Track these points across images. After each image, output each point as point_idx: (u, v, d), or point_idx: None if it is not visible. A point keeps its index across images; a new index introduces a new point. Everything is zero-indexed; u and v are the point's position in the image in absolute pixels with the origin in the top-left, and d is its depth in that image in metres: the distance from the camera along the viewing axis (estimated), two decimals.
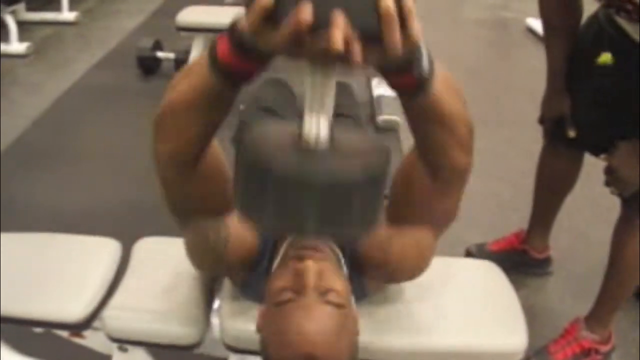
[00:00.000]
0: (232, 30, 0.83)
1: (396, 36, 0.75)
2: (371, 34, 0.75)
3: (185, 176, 1.12)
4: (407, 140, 1.50)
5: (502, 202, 2.95)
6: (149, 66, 4.24)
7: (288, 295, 1.14)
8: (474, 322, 1.49)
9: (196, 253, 1.34)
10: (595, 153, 1.95)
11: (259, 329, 1.21)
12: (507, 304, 1.55)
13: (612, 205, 1.96)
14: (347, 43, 0.72)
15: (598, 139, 1.91)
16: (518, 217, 2.59)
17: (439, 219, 1.27)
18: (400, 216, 1.26)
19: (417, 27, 0.77)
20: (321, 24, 0.72)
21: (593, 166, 2.01)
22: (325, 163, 0.84)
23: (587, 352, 2.06)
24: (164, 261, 1.62)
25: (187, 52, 4.05)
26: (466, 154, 1.12)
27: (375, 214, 0.89)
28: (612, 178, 1.78)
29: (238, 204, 0.90)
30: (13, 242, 1.71)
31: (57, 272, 1.62)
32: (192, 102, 0.99)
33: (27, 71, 4.37)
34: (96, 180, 3.05)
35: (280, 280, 1.18)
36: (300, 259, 1.19)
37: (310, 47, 0.73)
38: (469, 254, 2.54)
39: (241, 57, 0.85)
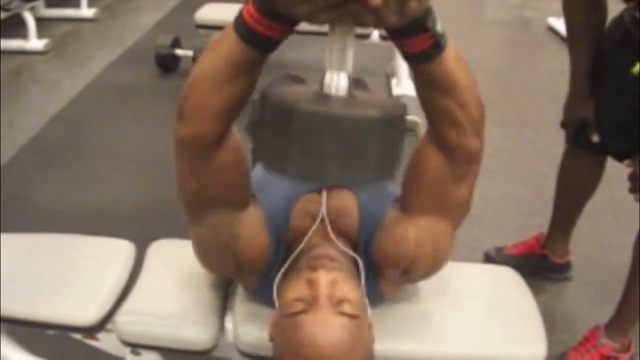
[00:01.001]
0: None
1: None
2: None
3: (205, 162, 1.12)
4: None
5: (522, 206, 2.91)
6: (167, 64, 4.24)
7: (301, 306, 1.12)
8: (492, 330, 1.46)
9: (206, 249, 1.32)
10: (619, 158, 1.92)
11: (272, 338, 1.20)
12: (527, 312, 1.53)
13: (634, 209, 1.91)
14: None
15: (622, 144, 1.87)
16: (538, 221, 2.56)
17: (453, 208, 1.26)
18: (414, 205, 1.25)
19: None
20: None
21: (615, 168, 1.97)
22: (345, 106, 0.90)
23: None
24: (179, 264, 1.60)
25: None
26: (477, 136, 1.14)
27: (392, 160, 0.95)
28: (636, 185, 1.74)
29: (262, 153, 0.95)
30: (27, 243, 1.71)
31: (70, 274, 1.60)
32: (218, 72, 1.01)
33: (45, 68, 4.39)
34: (112, 179, 3.06)
35: (293, 291, 1.16)
36: (314, 269, 1.17)
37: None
38: (488, 257, 2.52)
39: (268, 20, 0.91)
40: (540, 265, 2.44)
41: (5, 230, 1.74)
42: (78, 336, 1.63)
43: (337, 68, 0.90)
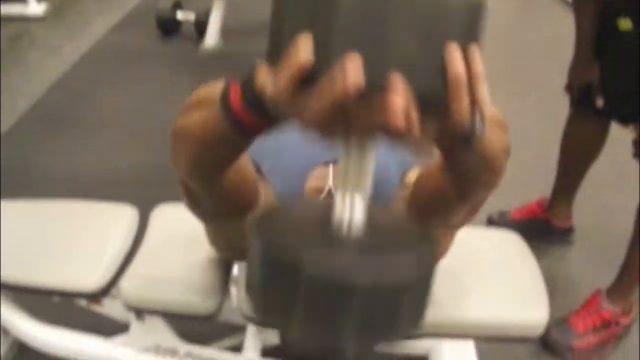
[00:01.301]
0: (247, 85, 0.69)
1: (465, 106, 0.62)
2: (433, 101, 0.61)
3: (207, 188, 1.02)
4: None
5: (526, 170, 2.89)
6: (168, 27, 4.20)
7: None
8: (495, 294, 1.47)
9: (218, 247, 1.33)
10: (624, 123, 1.90)
11: None
12: (530, 277, 1.53)
13: (637, 173, 1.90)
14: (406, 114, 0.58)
15: (627, 108, 1.86)
16: (542, 185, 2.55)
17: (460, 221, 1.16)
18: (419, 217, 1.13)
19: (486, 94, 0.64)
20: (371, 87, 0.57)
21: (619, 132, 1.96)
22: (364, 262, 0.68)
23: (608, 323, 2.04)
24: (182, 229, 1.59)
25: (208, 13, 4.00)
26: (498, 176, 0.96)
27: (424, 309, 0.74)
28: None
29: (257, 304, 0.73)
30: (30, 209, 1.71)
31: (74, 240, 1.61)
32: (202, 138, 0.85)
33: (44, 33, 4.35)
34: (115, 144, 3.05)
35: None
36: None
37: (354, 117, 0.59)
38: (490, 221, 2.52)
39: (256, 116, 0.71)
40: (543, 229, 2.45)
41: (7, 197, 1.74)
42: (83, 302, 1.65)
43: (352, 189, 0.70)
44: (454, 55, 0.59)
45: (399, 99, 0.57)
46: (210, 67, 3.70)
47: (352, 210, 0.70)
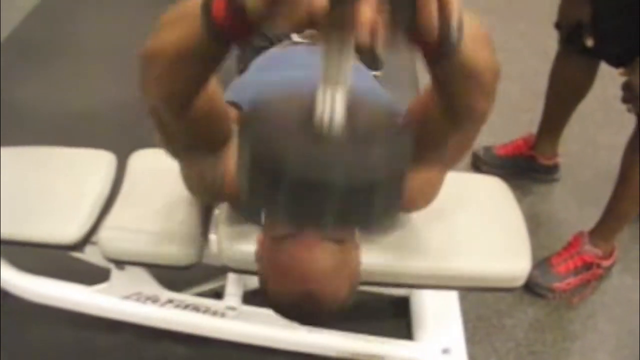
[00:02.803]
0: None
1: (431, 12, 0.66)
2: (402, 8, 0.66)
3: (178, 117, 1.04)
4: None
5: (512, 103, 2.86)
6: None
7: (287, 229, 1.10)
8: (477, 244, 1.46)
9: (192, 186, 1.29)
10: (614, 64, 1.85)
11: (258, 258, 1.19)
12: (513, 226, 1.52)
13: (623, 109, 1.86)
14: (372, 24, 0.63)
15: (618, 49, 1.81)
16: (528, 119, 2.52)
17: (450, 160, 1.22)
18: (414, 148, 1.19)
19: (456, 7, 0.69)
20: None
21: (608, 68, 1.91)
22: (342, 157, 0.74)
23: (589, 266, 2.06)
24: (161, 176, 1.56)
25: None
26: (488, 99, 1.01)
27: (397, 201, 0.82)
28: (630, 95, 1.69)
29: (245, 196, 0.80)
30: (4, 158, 1.66)
31: (51, 189, 1.58)
32: (179, 53, 0.87)
33: None
34: (93, 78, 2.96)
35: None
36: None
37: (328, 21, 0.64)
38: (476, 157, 2.51)
39: (238, 22, 0.74)
40: (528, 166, 2.44)
41: None
42: None
43: (332, 85, 0.73)
44: None
45: (367, 8, 0.62)
46: None
47: (332, 106, 0.74)
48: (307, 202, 0.75)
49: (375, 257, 1.37)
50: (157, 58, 0.92)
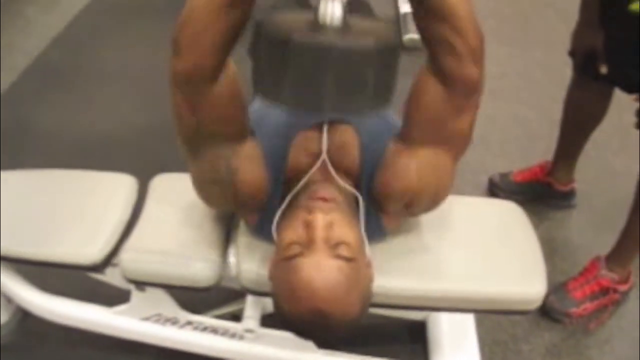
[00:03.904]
0: None
1: None
2: None
3: (202, 96, 1.12)
4: None
5: (528, 129, 2.88)
6: None
7: (297, 249, 1.13)
8: (492, 267, 1.47)
9: (205, 183, 1.32)
10: (627, 91, 1.87)
11: (271, 277, 1.21)
12: (529, 250, 1.53)
13: None
14: None
15: (631, 76, 1.83)
16: (545, 145, 2.53)
17: (454, 140, 1.25)
18: (415, 136, 1.24)
19: None
20: None
21: (624, 95, 1.92)
22: (338, 37, 0.90)
23: (606, 290, 2.06)
24: (181, 199, 1.60)
25: None
26: (476, 65, 1.13)
27: (388, 88, 0.97)
28: None
29: (259, 83, 0.97)
30: (30, 180, 1.71)
31: (74, 211, 1.62)
32: (212, 3, 1.02)
33: None
34: (115, 103, 3.02)
35: (290, 233, 1.16)
36: (310, 210, 1.17)
37: None
38: (492, 184, 2.52)
39: None
40: (544, 192, 2.44)
41: (7, 155, 1.73)
42: None
43: None
44: None
45: None
46: None
47: (332, 7, 0.89)
48: (310, 81, 0.88)
49: (391, 279, 1.38)
50: (190, 15, 1.06)
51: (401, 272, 1.43)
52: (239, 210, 1.44)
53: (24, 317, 1.88)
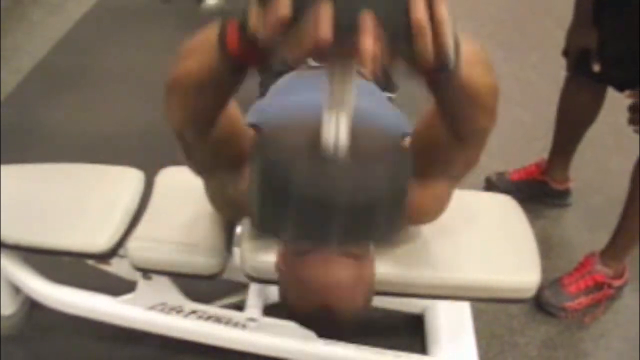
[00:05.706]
0: (242, 24, 0.78)
1: (427, 46, 0.72)
2: (400, 39, 0.71)
3: (201, 139, 1.11)
4: None
5: (524, 130, 2.92)
6: None
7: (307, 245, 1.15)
8: (489, 258, 1.51)
9: (215, 202, 1.37)
10: (620, 88, 1.92)
11: (278, 269, 1.23)
12: (524, 240, 1.57)
13: (635, 135, 1.91)
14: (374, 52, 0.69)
15: (623, 74, 1.87)
16: (540, 145, 2.58)
17: (459, 171, 1.25)
18: (419, 169, 1.17)
19: (449, 37, 0.74)
20: (346, 26, 0.68)
21: (618, 94, 1.97)
22: (346, 178, 0.81)
23: (600, 285, 2.10)
24: (187, 191, 1.62)
25: None
26: (490, 117, 1.06)
27: (399, 217, 0.89)
28: (636, 116, 1.75)
29: (255, 215, 0.88)
30: (37, 173, 1.75)
31: (83, 203, 1.66)
32: (199, 81, 0.95)
33: None
34: (120, 104, 3.06)
35: None
36: None
37: (334, 51, 0.70)
38: (489, 182, 2.56)
39: (251, 51, 0.80)
40: (540, 191, 2.49)
41: (13, 155, 1.77)
42: (91, 262, 1.71)
43: (336, 110, 0.79)
44: (417, 3, 0.70)
45: (369, 39, 0.68)
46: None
47: (337, 130, 0.80)
48: (313, 221, 0.81)
49: (387, 267, 1.42)
50: (179, 86, 1.00)
51: (397, 260, 1.46)
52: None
53: (32, 308, 1.92)
